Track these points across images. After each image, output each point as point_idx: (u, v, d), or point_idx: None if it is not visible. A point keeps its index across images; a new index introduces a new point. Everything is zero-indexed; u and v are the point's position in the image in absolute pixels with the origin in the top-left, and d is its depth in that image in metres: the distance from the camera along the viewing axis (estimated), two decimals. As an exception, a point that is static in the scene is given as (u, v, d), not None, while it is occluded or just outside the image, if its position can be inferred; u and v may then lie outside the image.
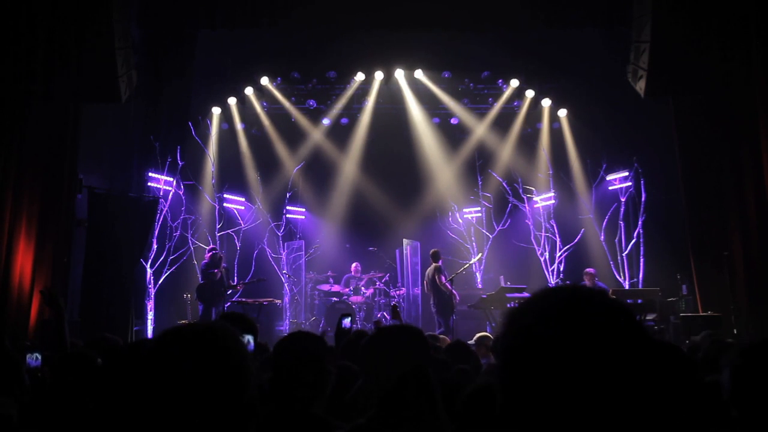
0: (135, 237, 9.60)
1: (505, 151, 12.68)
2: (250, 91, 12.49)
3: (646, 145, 10.58)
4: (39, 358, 3.19)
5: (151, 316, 10.26)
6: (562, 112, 12.37)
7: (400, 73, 12.45)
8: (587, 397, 0.90)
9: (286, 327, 11.22)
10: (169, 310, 10.89)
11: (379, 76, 12.43)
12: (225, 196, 11.68)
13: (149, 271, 10.26)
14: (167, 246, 10.43)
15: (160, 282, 10.41)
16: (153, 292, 10.33)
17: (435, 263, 10.00)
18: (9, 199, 8.08)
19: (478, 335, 5.93)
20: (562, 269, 11.09)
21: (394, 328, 2.05)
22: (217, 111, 12.39)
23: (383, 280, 11.79)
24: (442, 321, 9.80)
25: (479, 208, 12.33)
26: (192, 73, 10.85)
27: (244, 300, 10.00)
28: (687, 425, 2.05)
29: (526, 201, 11.67)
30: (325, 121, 12.93)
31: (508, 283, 10.80)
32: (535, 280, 11.33)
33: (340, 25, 10.20)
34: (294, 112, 12.80)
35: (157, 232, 10.28)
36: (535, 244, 11.41)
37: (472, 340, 5.77)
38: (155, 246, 10.29)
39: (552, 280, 11.08)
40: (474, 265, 11.77)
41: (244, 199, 12.15)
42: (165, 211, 10.48)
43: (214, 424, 1.13)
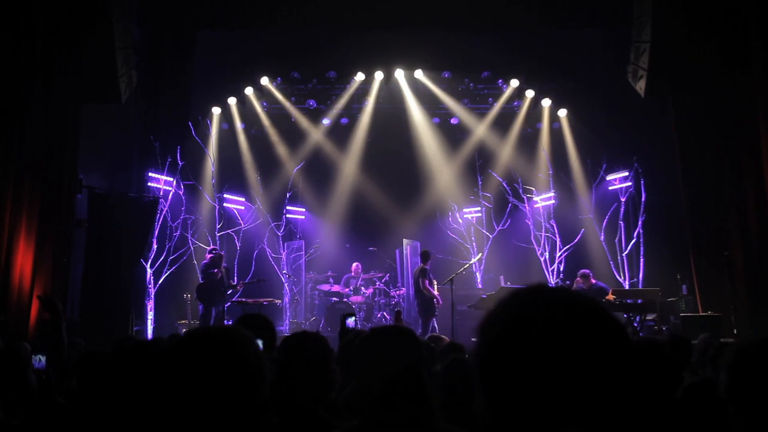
0: (135, 237, 9.60)
1: (505, 151, 12.69)
2: (250, 91, 12.49)
3: (646, 145, 10.58)
4: (43, 360, 3.17)
5: (151, 316, 10.25)
6: (562, 112, 12.38)
7: (400, 73, 12.46)
8: (563, 401, 0.91)
9: (286, 327, 11.21)
10: (169, 310, 10.90)
11: (379, 76, 12.44)
12: (225, 196, 11.67)
13: (149, 271, 10.26)
14: (167, 246, 10.43)
15: (160, 282, 10.41)
16: (153, 292, 10.33)
17: (423, 264, 9.85)
18: (9, 199, 8.06)
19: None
20: (562, 269, 11.09)
21: (387, 328, 2.04)
22: (217, 111, 12.39)
23: (383, 280, 11.78)
24: (421, 322, 9.73)
25: (479, 208, 12.33)
26: (192, 73, 10.86)
27: (244, 300, 9.98)
28: (662, 422, 2.07)
29: (526, 201, 11.67)
30: (325, 121, 12.94)
31: (508, 283, 10.79)
32: (535, 280, 11.22)
33: (340, 25, 10.21)
34: (294, 112, 12.81)
35: (157, 232, 10.27)
36: (535, 244, 11.40)
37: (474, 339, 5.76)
38: (155, 246, 10.28)
39: (552, 279, 11.08)
40: (474, 265, 11.76)
41: (244, 199, 12.14)
42: (165, 211, 10.47)
43: (232, 422, 1.24)
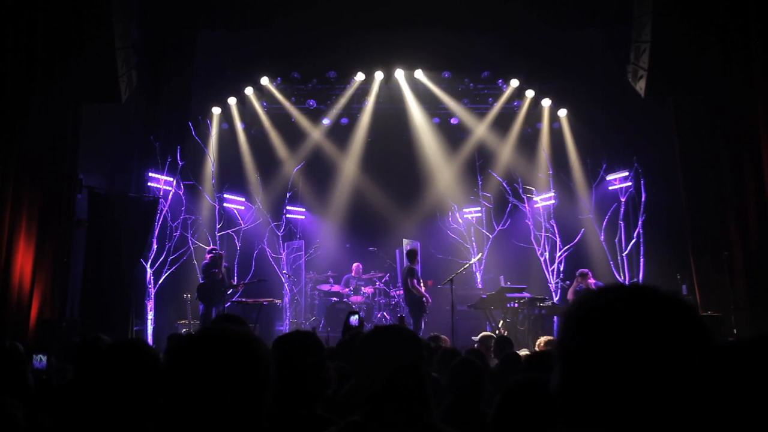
0: (135, 237, 9.60)
1: (505, 151, 12.68)
2: (250, 91, 12.48)
3: (646, 145, 10.57)
4: (44, 360, 3.17)
5: (151, 316, 10.24)
6: (562, 112, 12.37)
7: (400, 73, 12.45)
8: (654, 399, 0.91)
9: (286, 327, 11.20)
10: (169, 310, 10.90)
11: (379, 76, 12.43)
12: (225, 196, 11.66)
13: (149, 271, 10.25)
14: (167, 246, 10.41)
15: (160, 282, 10.39)
16: (153, 292, 10.32)
17: (410, 264, 9.81)
18: (9, 199, 8.05)
19: (482, 335, 5.96)
20: (562, 269, 11.07)
21: (387, 327, 2.04)
22: (217, 111, 12.38)
23: (383, 280, 11.78)
24: (412, 321, 9.71)
25: (479, 208, 12.32)
26: (192, 73, 10.85)
27: (244, 300, 9.99)
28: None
29: (526, 201, 11.66)
30: (325, 121, 12.93)
31: (508, 283, 10.78)
32: (535, 280, 11.33)
33: (340, 25, 10.21)
34: (294, 112, 12.80)
35: (157, 232, 10.26)
36: (535, 244, 11.40)
37: (476, 337, 5.80)
38: (155, 246, 10.27)
39: (552, 280, 11.08)
40: (474, 265, 11.76)
41: (244, 199, 12.13)
42: (165, 211, 10.46)
43: (241, 419, 1.29)
